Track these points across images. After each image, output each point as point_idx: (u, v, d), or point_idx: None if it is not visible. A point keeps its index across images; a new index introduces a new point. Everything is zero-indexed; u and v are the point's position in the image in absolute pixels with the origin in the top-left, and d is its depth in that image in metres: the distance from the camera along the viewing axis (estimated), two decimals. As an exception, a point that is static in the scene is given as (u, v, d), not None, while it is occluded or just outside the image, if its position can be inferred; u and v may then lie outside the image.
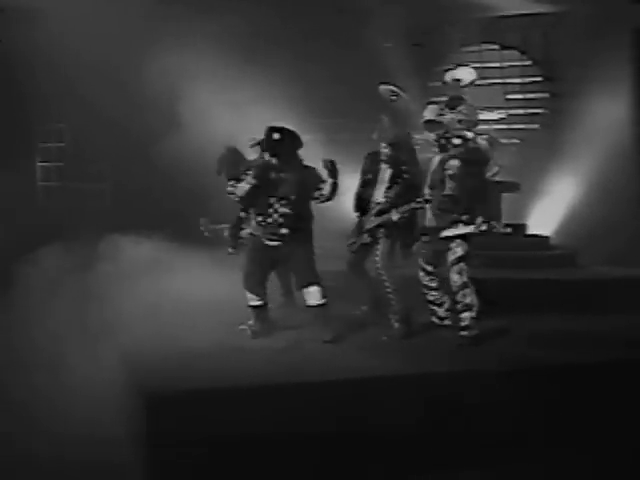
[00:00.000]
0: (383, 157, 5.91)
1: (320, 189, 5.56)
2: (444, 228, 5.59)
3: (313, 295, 5.61)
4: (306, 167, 5.66)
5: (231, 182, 6.16)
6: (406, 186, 5.80)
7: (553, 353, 5.39)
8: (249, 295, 5.74)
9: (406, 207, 5.70)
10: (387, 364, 5.03)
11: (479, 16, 11.07)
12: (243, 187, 5.63)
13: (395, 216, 5.72)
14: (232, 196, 6.08)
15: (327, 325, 5.65)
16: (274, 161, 5.55)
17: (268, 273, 5.87)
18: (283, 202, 5.54)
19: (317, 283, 5.62)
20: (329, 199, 5.63)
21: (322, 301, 5.63)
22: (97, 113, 9.97)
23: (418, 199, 5.66)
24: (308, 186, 5.59)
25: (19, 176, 10.40)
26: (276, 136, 5.48)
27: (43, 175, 11.25)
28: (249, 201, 5.73)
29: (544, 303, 6.77)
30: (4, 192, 9.61)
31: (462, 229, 5.54)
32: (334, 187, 5.52)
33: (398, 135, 5.94)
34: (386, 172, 5.91)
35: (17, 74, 9.70)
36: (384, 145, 5.89)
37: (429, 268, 5.82)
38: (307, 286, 5.61)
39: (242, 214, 6.20)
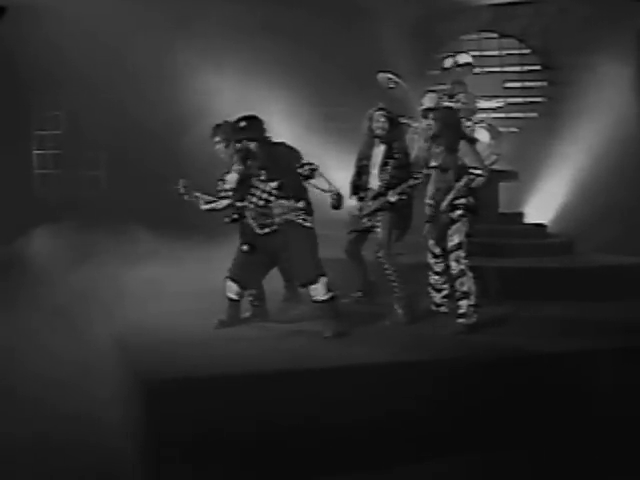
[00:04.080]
0: (378, 130, 5.87)
1: (300, 163, 5.27)
2: (442, 201, 5.54)
3: (318, 290, 5.24)
4: (276, 143, 5.37)
5: (220, 181, 5.74)
6: (398, 166, 5.80)
7: (551, 340, 5.38)
8: (229, 284, 5.51)
9: (403, 186, 5.71)
10: (387, 351, 5.02)
11: (478, 5, 11.06)
12: (232, 177, 5.40)
13: (393, 197, 5.72)
14: (223, 193, 5.63)
15: (334, 320, 5.31)
16: (251, 145, 5.28)
17: (263, 269, 5.61)
18: (263, 178, 5.27)
19: (322, 276, 5.24)
20: (310, 175, 5.29)
21: (329, 295, 5.27)
22: (93, 100, 9.96)
23: (414, 176, 5.66)
24: (285, 160, 5.28)
25: (16, 164, 10.40)
26: (242, 124, 5.28)
27: (39, 163, 11.23)
28: (241, 191, 5.40)
29: (542, 291, 6.75)
30: (1, 180, 9.60)
31: (450, 195, 5.47)
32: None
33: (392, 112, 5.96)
34: (378, 156, 5.90)
35: (14, 62, 9.67)
36: (381, 117, 5.86)
37: (436, 251, 5.79)
38: (311, 283, 5.27)
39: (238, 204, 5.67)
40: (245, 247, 5.51)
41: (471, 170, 5.49)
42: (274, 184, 5.28)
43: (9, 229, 8.21)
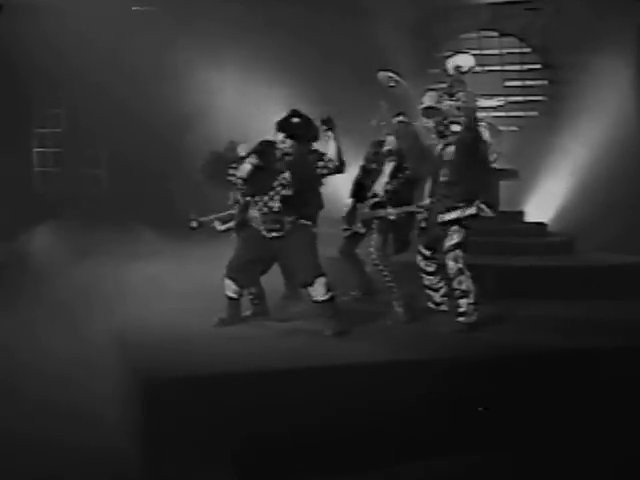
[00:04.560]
0: (386, 148, 5.86)
1: (322, 160, 5.17)
2: (441, 213, 5.54)
3: (318, 290, 5.23)
4: (313, 151, 5.31)
5: (233, 165, 5.60)
6: (407, 181, 5.76)
7: (551, 339, 5.38)
8: (227, 282, 5.47)
9: (404, 209, 5.69)
10: (387, 350, 5.02)
11: (478, 3, 11.07)
12: (245, 167, 5.24)
13: (392, 217, 5.70)
14: (233, 178, 5.48)
15: (335, 319, 5.30)
16: (284, 142, 5.20)
17: (261, 268, 5.54)
18: (285, 183, 5.20)
19: (321, 276, 5.23)
20: (338, 169, 5.20)
21: (328, 295, 5.25)
22: (94, 98, 9.96)
23: (419, 205, 5.63)
24: (312, 167, 5.23)
25: (16, 162, 10.40)
26: (295, 120, 5.21)
27: (40, 161, 11.24)
28: (252, 184, 5.29)
29: (542, 289, 6.76)
30: (1, 178, 9.60)
31: (454, 214, 5.44)
32: (337, 150, 5.14)
33: (401, 127, 5.85)
34: (389, 165, 5.87)
35: (14, 60, 9.67)
36: (388, 137, 5.83)
37: (427, 252, 5.78)
38: (310, 284, 5.27)
39: (248, 198, 5.55)
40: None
41: (483, 207, 5.40)
42: (285, 193, 5.21)
43: (10, 227, 8.21)
